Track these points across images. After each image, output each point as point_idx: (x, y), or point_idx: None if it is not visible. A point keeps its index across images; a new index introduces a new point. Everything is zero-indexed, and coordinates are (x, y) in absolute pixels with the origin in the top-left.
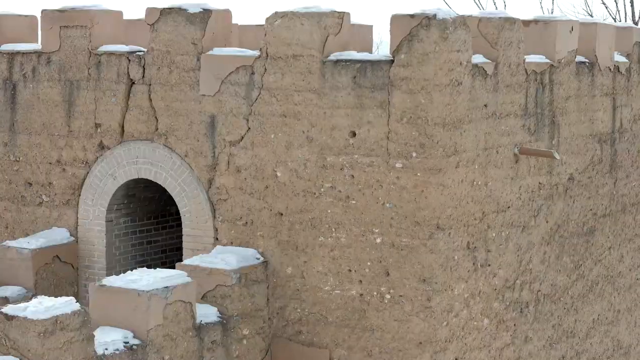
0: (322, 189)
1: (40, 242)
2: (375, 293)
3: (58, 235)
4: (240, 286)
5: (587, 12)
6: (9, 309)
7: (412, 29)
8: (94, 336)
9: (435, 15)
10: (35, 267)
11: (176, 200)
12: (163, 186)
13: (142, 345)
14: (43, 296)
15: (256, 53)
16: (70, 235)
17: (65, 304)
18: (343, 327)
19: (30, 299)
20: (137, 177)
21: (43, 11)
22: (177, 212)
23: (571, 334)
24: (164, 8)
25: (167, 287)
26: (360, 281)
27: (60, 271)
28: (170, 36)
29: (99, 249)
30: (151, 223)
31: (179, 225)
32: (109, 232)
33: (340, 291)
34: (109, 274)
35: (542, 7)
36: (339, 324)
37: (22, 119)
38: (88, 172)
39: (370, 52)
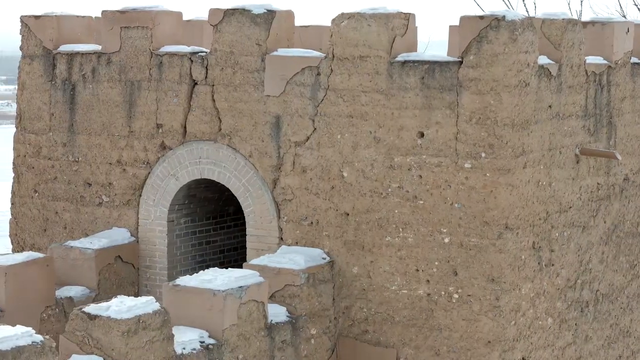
0: (390, 189)
1: (102, 242)
2: (443, 292)
3: (119, 236)
4: (308, 286)
5: (621, 13)
6: (91, 309)
7: (481, 31)
8: (174, 335)
9: (504, 17)
10: (98, 267)
11: (240, 200)
12: (227, 186)
13: (217, 345)
14: (123, 296)
15: (322, 54)
16: (131, 235)
17: (147, 304)
18: (410, 327)
19: (94, 299)
20: (199, 177)
21: (103, 12)
22: (235, 212)
23: (627, 334)
24: (227, 9)
25: (241, 286)
26: (428, 281)
27: (121, 271)
28: (234, 37)
29: (160, 249)
30: (210, 223)
31: (237, 225)
32: (170, 233)
33: (408, 291)
34: (170, 274)
35: (570, 8)
36: (406, 324)
37: (81, 120)
38: (149, 173)
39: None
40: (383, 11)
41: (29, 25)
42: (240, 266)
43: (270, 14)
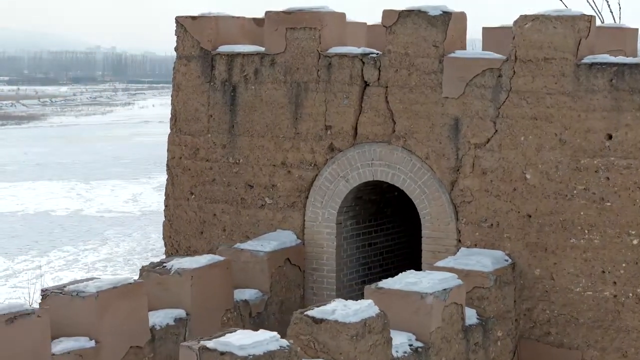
0: (575, 191)
1: (272, 245)
2: (630, 294)
3: (286, 238)
4: (495, 288)
5: None
6: (315, 312)
7: None
8: (392, 339)
9: None
10: (270, 270)
11: (415, 202)
12: (401, 188)
13: (425, 348)
14: (340, 299)
15: (502, 56)
16: (297, 237)
17: (369, 307)
18: (595, 328)
19: (267, 302)
20: (372, 179)
21: (267, 13)
22: (393, 214)
23: None
24: (402, 10)
25: (445, 289)
26: (615, 282)
27: (289, 273)
28: (409, 38)
29: (329, 251)
30: (371, 225)
31: (394, 227)
32: (338, 235)
33: (593, 292)
34: (337, 277)
35: None
36: (590, 325)
37: (242, 121)
38: (317, 175)
39: None
40: (568, 13)
41: (185, 26)
42: (401, 268)
43: (447, 15)
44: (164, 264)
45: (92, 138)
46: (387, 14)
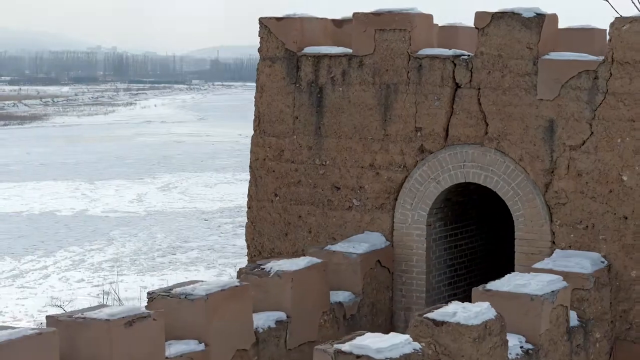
0: None
1: (364, 247)
2: None
3: (376, 240)
4: (594, 290)
5: None
6: (435, 315)
7: None
8: (508, 341)
9: None
10: (362, 272)
11: (509, 204)
12: (494, 190)
13: (534, 350)
14: (456, 302)
15: (598, 58)
16: (385, 239)
17: (488, 309)
18: None
19: (359, 304)
20: (464, 181)
21: (355, 14)
22: (478, 216)
23: None
24: (495, 12)
25: (553, 291)
26: None
27: (379, 275)
28: (502, 40)
29: (418, 253)
30: (457, 227)
31: (478, 228)
32: (428, 237)
33: None
34: (427, 279)
35: None
36: None
37: (329, 123)
38: (407, 176)
39: None
40: None
41: (269, 27)
42: (485, 270)
43: (541, 17)
44: (262, 267)
45: (95, 138)
46: (479, 15)
